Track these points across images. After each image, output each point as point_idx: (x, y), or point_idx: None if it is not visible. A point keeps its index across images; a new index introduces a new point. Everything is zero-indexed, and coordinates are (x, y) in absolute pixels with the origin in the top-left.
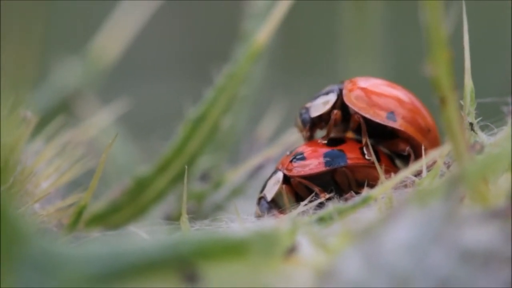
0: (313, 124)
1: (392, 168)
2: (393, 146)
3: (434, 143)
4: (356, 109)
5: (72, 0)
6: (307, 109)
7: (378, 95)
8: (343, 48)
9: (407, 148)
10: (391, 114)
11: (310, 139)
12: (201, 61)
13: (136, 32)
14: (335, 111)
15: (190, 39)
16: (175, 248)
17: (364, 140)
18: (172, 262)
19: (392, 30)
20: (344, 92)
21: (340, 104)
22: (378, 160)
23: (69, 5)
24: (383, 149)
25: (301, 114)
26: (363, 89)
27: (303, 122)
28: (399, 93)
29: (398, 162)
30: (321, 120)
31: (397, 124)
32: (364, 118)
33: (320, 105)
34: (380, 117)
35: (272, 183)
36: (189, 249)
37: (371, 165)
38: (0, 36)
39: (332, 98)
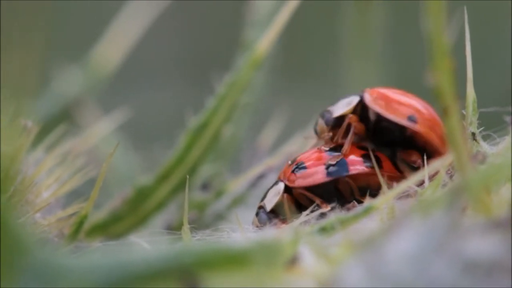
0: (336, 125)
1: (394, 173)
2: (407, 156)
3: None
4: (378, 110)
5: (72, 8)
6: (330, 111)
7: (399, 99)
8: (345, 56)
9: (418, 161)
10: (412, 117)
11: (332, 140)
12: (203, 68)
13: (137, 39)
14: (351, 116)
15: (191, 46)
16: (177, 258)
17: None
18: (173, 272)
19: (394, 37)
20: (366, 95)
21: (361, 109)
22: (380, 166)
23: (69, 13)
24: (385, 152)
25: (323, 116)
26: (384, 94)
27: (326, 122)
28: (418, 102)
29: (402, 168)
30: (343, 121)
31: (417, 126)
32: (384, 122)
33: (344, 105)
34: (401, 118)
35: (273, 194)
36: (191, 259)
37: (374, 173)
38: (1, 44)
39: (355, 99)
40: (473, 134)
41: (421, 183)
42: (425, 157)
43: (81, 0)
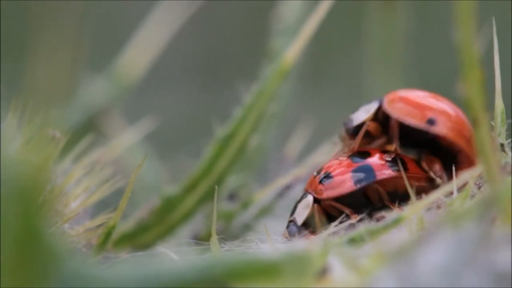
0: (357, 133)
1: (421, 174)
2: (429, 164)
3: (475, 155)
4: (396, 116)
5: (95, 18)
6: (351, 119)
7: (418, 103)
8: (370, 64)
9: (439, 173)
10: (432, 120)
11: (356, 148)
12: (227, 76)
13: (161, 48)
14: (369, 123)
15: (214, 54)
16: (208, 269)
17: (395, 145)
18: (204, 283)
19: (418, 45)
20: (384, 101)
21: (381, 114)
22: (406, 168)
23: (94, 22)
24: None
25: (345, 124)
26: (403, 97)
27: (347, 131)
28: (440, 103)
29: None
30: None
31: (438, 129)
32: (404, 127)
33: (363, 113)
34: (420, 123)
35: (302, 207)
36: (222, 271)
37: (400, 176)
38: (29, 53)
39: (374, 106)
40: (502, 145)
41: (449, 194)
42: (453, 168)
43: (104, 11)
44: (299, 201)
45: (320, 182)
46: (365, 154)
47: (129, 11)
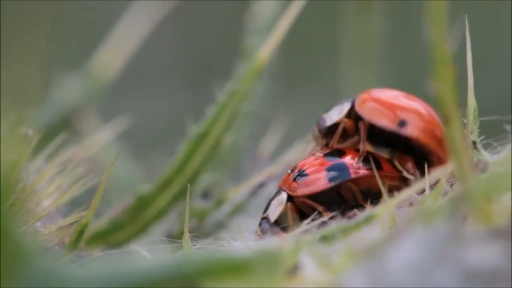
0: (329, 133)
1: (395, 173)
2: (402, 162)
3: (446, 155)
4: (367, 117)
5: (70, 17)
6: (324, 118)
7: (390, 104)
8: (345, 62)
9: (412, 170)
10: (403, 122)
11: (327, 146)
12: (202, 75)
13: (136, 47)
14: (345, 120)
15: (190, 53)
16: (178, 267)
17: (361, 148)
18: (175, 281)
19: (393, 43)
20: (356, 101)
21: (354, 114)
22: (380, 167)
23: (68, 22)
24: (383, 155)
25: (318, 123)
26: (375, 98)
27: (320, 130)
28: (413, 103)
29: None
30: (336, 128)
31: (409, 131)
32: (376, 128)
33: (335, 114)
34: (391, 125)
35: (276, 204)
36: (192, 268)
37: (374, 175)
38: (2, 52)
39: (346, 107)
40: (474, 142)
41: (422, 192)
42: (425, 166)
43: (79, 10)
44: (272, 198)
45: (295, 179)
46: (340, 153)
47: (104, 10)
